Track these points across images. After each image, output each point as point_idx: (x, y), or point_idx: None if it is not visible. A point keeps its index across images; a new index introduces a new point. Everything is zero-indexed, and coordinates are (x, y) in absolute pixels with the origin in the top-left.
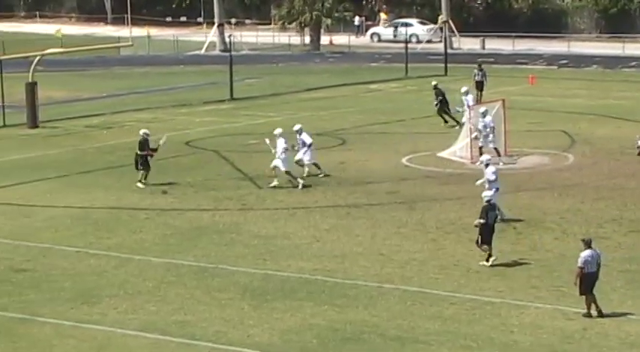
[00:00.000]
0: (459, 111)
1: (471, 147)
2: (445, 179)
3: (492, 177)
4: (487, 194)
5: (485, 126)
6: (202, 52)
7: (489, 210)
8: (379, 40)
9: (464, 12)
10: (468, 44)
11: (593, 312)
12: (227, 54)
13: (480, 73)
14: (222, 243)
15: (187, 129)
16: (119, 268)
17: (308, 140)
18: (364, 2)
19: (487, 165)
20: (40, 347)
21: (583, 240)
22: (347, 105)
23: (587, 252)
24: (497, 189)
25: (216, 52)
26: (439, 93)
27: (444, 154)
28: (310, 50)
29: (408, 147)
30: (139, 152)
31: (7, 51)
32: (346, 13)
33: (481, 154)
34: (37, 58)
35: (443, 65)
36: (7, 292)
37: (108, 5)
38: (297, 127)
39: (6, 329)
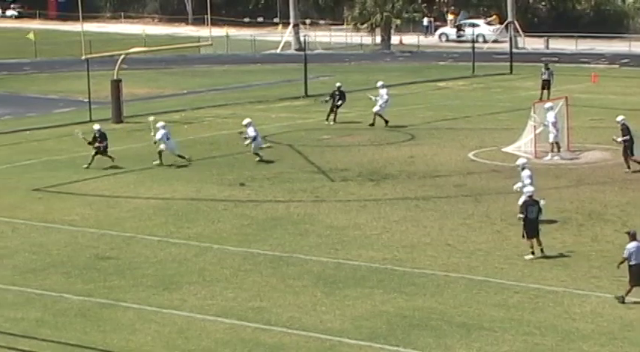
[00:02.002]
0: (371, 99)
1: (535, 143)
2: (510, 173)
3: (527, 181)
4: (529, 189)
5: (547, 122)
6: (278, 51)
7: (530, 205)
8: (447, 40)
9: (529, 13)
10: (533, 44)
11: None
12: (302, 53)
13: (547, 72)
14: (296, 233)
15: (263, 124)
16: (198, 256)
17: (253, 133)
18: (435, 5)
19: (523, 168)
20: (124, 330)
21: (628, 233)
22: (416, 102)
23: (632, 244)
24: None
25: (292, 51)
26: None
27: (509, 149)
28: (381, 49)
29: (474, 142)
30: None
31: (94, 50)
32: (415, 14)
33: (555, 149)
34: (122, 56)
35: (508, 64)
36: (93, 279)
37: (189, 6)
38: (246, 122)
39: (92, 313)
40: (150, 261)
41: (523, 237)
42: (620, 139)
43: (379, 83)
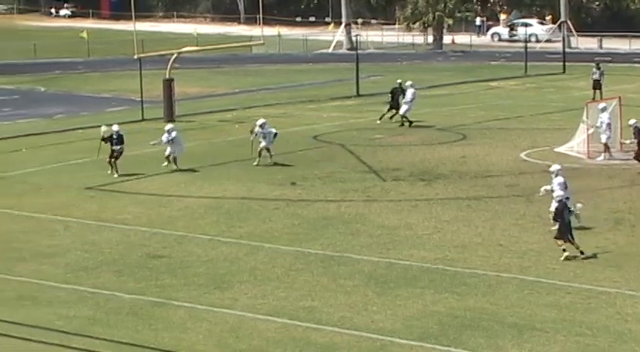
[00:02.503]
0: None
1: (588, 143)
2: (563, 173)
3: (556, 188)
4: (559, 194)
5: (602, 122)
6: (330, 50)
7: (563, 209)
8: (499, 40)
9: (582, 12)
10: (586, 43)
11: None
12: (353, 52)
13: (598, 72)
14: (347, 232)
15: (315, 123)
16: (250, 255)
17: (273, 131)
18: (488, 4)
19: (557, 175)
20: (175, 329)
21: None
22: (468, 102)
23: None
24: (567, 199)
25: (343, 50)
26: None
27: (561, 149)
28: (433, 49)
29: (526, 142)
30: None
31: (146, 49)
32: (468, 14)
33: (606, 151)
34: (174, 55)
35: (561, 64)
36: (145, 277)
37: (241, 6)
38: (260, 122)
39: (144, 312)
40: (201, 259)
41: (556, 237)
42: (628, 141)
43: (408, 83)
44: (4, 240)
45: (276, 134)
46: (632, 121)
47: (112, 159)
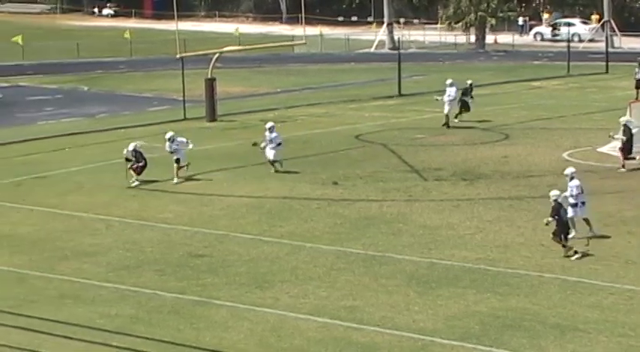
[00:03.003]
0: (437, 100)
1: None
2: (605, 173)
3: (575, 191)
4: (554, 193)
5: None
6: (372, 50)
7: (559, 207)
8: (542, 39)
9: (625, 12)
10: (629, 43)
11: None
12: (395, 52)
13: None
14: (389, 232)
15: (357, 123)
16: (291, 255)
17: (278, 139)
18: (533, 4)
19: (572, 178)
20: (217, 328)
21: None
22: (510, 102)
23: None
24: (583, 203)
25: (385, 50)
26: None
27: (604, 149)
28: (475, 49)
29: (569, 142)
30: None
31: (188, 49)
32: (510, 13)
33: None
34: (216, 55)
35: (604, 63)
36: (186, 276)
37: (283, 5)
38: (269, 125)
39: (185, 311)
40: (243, 259)
41: (555, 236)
42: (616, 136)
43: (448, 81)
44: (47, 239)
45: (279, 143)
46: (622, 119)
47: (133, 172)
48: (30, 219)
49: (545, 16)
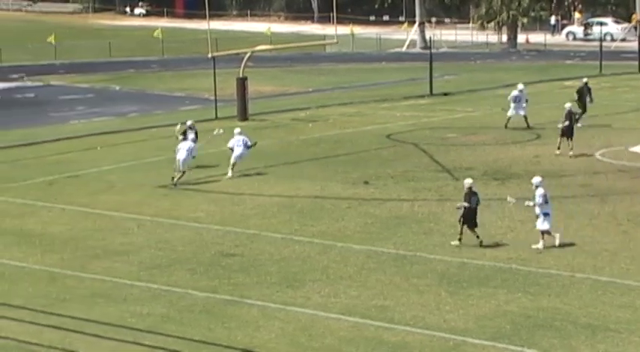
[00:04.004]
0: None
1: None
2: (637, 173)
3: (539, 200)
4: (468, 181)
5: None
6: (403, 49)
7: (472, 195)
8: (574, 39)
9: None
10: None
11: None
12: (427, 51)
13: None
14: (420, 231)
15: (388, 122)
16: (322, 254)
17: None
18: (563, 2)
19: (537, 187)
20: (248, 327)
21: None
22: (542, 101)
23: None
24: (546, 215)
25: (417, 49)
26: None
27: (636, 149)
28: (507, 48)
29: (601, 141)
30: None
31: (220, 48)
32: (542, 13)
33: None
34: (248, 54)
35: (637, 63)
36: (218, 275)
37: (314, 5)
38: (237, 131)
39: (216, 310)
40: (274, 258)
41: (459, 221)
42: (560, 125)
43: (520, 86)
44: (79, 238)
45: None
46: (567, 105)
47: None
48: (62, 218)
49: (577, 15)
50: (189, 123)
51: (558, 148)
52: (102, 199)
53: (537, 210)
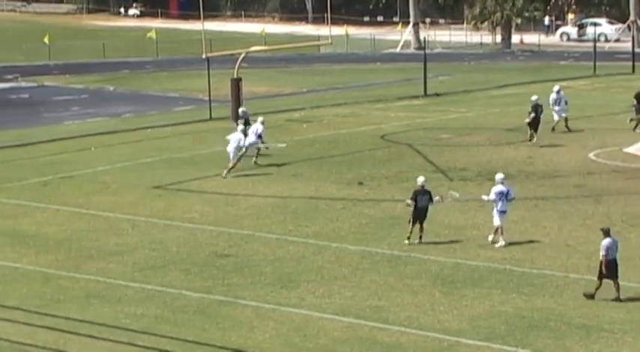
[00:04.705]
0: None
1: None
2: (631, 174)
3: (493, 197)
4: (420, 180)
5: None
6: (397, 50)
7: (421, 194)
8: (568, 39)
9: None
10: None
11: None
12: (421, 52)
13: None
14: (414, 232)
15: (382, 123)
16: (316, 255)
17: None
18: (557, 2)
19: (498, 183)
20: (242, 327)
21: (602, 230)
22: None
23: (607, 241)
24: (502, 212)
25: (411, 50)
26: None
27: (630, 150)
28: (501, 49)
29: (595, 142)
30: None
31: (214, 49)
32: (536, 13)
33: None
34: (242, 55)
35: (630, 63)
36: (212, 276)
37: (309, 5)
38: (260, 119)
39: (211, 310)
40: (268, 258)
41: (409, 222)
42: (527, 120)
43: (555, 88)
44: (73, 239)
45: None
46: (534, 97)
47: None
48: (56, 219)
49: (571, 16)
50: (240, 111)
51: (530, 139)
52: (96, 200)
53: (495, 206)
